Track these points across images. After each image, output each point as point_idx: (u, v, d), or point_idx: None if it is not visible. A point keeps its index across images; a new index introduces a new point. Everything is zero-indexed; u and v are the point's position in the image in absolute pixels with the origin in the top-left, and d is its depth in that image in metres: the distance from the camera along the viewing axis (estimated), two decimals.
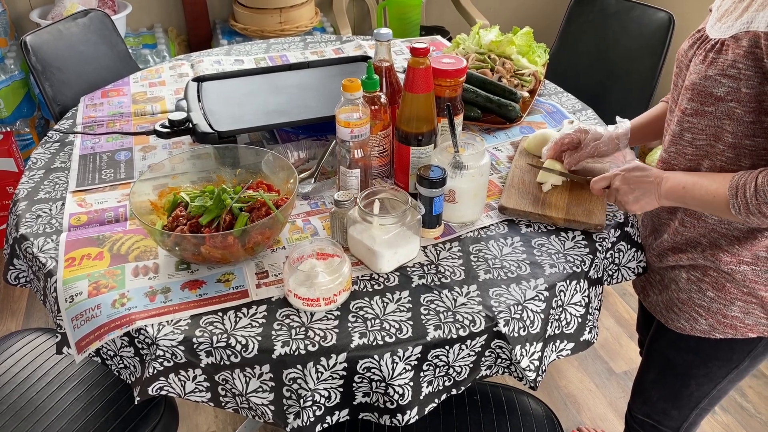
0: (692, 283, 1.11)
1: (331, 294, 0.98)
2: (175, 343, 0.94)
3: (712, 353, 1.15)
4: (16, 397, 1.22)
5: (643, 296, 1.27)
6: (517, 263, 1.09)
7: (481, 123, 1.52)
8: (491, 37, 1.74)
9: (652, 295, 1.23)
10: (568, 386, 1.97)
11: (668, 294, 1.17)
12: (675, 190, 1.01)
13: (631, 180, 1.07)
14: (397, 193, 1.10)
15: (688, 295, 1.12)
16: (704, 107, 0.98)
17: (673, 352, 1.20)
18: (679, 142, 1.05)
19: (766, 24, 0.86)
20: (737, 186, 0.92)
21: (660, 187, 1.03)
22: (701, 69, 0.96)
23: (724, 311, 1.08)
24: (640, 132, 1.25)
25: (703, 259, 1.08)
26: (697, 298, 1.11)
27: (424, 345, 0.94)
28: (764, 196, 0.88)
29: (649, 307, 1.24)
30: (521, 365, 1.00)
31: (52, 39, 1.81)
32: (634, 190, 1.07)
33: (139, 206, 1.09)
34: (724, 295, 1.07)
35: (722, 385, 1.18)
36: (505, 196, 1.23)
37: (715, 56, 0.94)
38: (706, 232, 1.06)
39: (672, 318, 1.16)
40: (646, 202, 1.06)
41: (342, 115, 1.11)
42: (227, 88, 1.52)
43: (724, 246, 1.05)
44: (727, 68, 0.92)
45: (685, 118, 1.01)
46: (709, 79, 0.95)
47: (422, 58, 1.10)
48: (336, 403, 0.96)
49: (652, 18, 1.89)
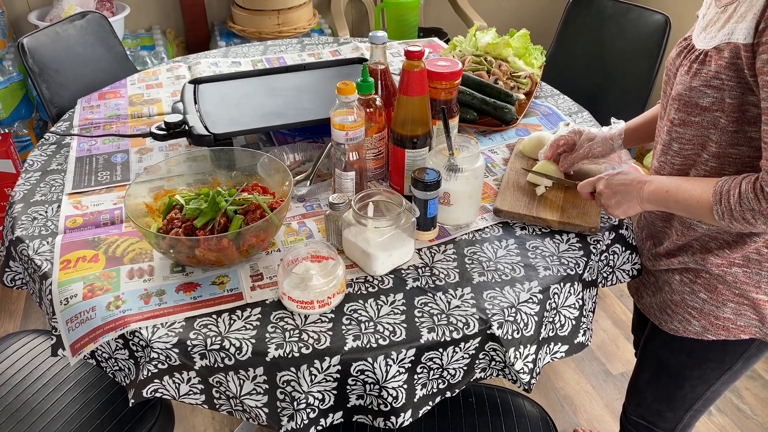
0: (685, 285, 1.11)
1: (325, 296, 0.98)
2: (169, 346, 0.94)
3: (705, 354, 1.15)
4: (12, 399, 1.22)
5: (637, 298, 1.27)
6: (512, 266, 1.09)
7: (477, 125, 1.52)
8: (488, 39, 1.74)
9: (646, 297, 1.23)
10: (565, 388, 1.97)
11: (662, 296, 1.17)
12: (657, 194, 1.02)
13: (613, 184, 1.08)
14: (391, 195, 1.10)
15: (681, 297, 1.12)
16: (691, 117, 0.98)
17: (667, 353, 1.21)
18: (668, 152, 1.05)
19: (745, 35, 0.87)
20: (721, 192, 0.92)
21: (642, 191, 1.04)
22: (686, 80, 0.97)
23: (716, 313, 1.09)
24: (635, 133, 1.25)
25: (693, 263, 1.08)
26: (690, 300, 1.11)
27: (418, 347, 0.94)
28: (748, 203, 0.89)
29: (643, 309, 1.24)
30: (515, 368, 1.00)
31: (50, 41, 1.81)
32: (615, 194, 1.08)
33: (134, 209, 1.10)
34: (716, 297, 1.08)
35: (716, 386, 1.18)
36: (500, 199, 1.23)
37: (699, 67, 0.95)
38: (698, 236, 1.07)
39: (665, 319, 1.17)
40: (628, 206, 1.07)
41: (337, 118, 1.12)
42: (224, 91, 1.52)
43: (714, 249, 1.05)
44: (711, 79, 0.93)
45: (673, 128, 1.02)
46: (694, 90, 0.96)
47: (417, 61, 1.11)
48: (330, 406, 0.96)
49: (648, 20, 1.89)
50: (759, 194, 0.88)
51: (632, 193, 1.05)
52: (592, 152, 1.25)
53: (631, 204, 1.06)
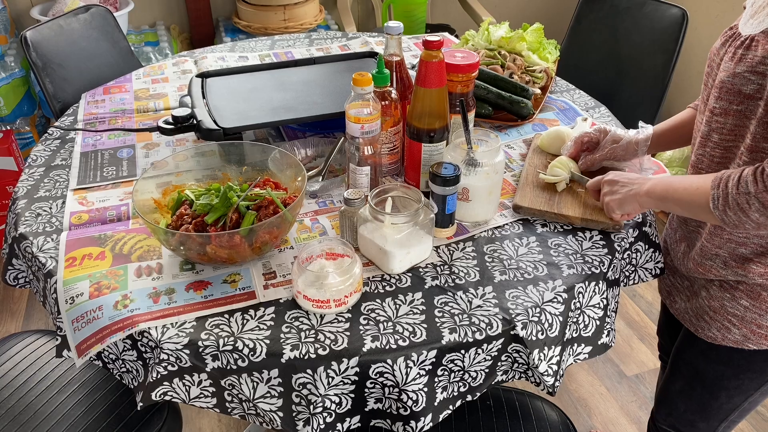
0: (725, 291, 1.05)
1: (341, 295, 0.94)
2: (179, 347, 0.90)
3: (744, 365, 1.09)
4: (15, 401, 1.18)
5: (669, 302, 1.21)
6: (534, 264, 1.05)
7: (492, 120, 1.48)
8: (501, 33, 1.70)
9: (680, 302, 1.17)
10: (579, 390, 1.93)
11: (698, 301, 1.11)
12: (657, 188, 0.99)
13: (615, 182, 1.06)
14: (408, 191, 1.06)
15: (721, 303, 1.06)
16: (732, 105, 0.94)
17: (703, 362, 1.14)
18: (706, 144, 1.00)
19: None
20: (721, 177, 0.89)
21: (641, 186, 1.01)
22: (730, 66, 0.92)
23: (759, 321, 1.03)
24: (660, 139, 1.20)
25: (733, 275, 1.02)
26: (730, 307, 1.05)
27: (440, 349, 0.91)
28: (745, 186, 0.85)
29: (676, 314, 1.19)
30: (539, 370, 0.96)
31: (53, 34, 1.77)
32: (616, 192, 1.06)
33: (142, 204, 1.06)
34: (759, 305, 1.02)
35: (754, 397, 1.12)
36: (520, 195, 1.19)
37: (744, 52, 0.90)
38: (731, 248, 1.01)
39: (702, 327, 1.10)
40: (624, 200, 1.04)
41: (352, 110, 1.08)
42: (232, 84, 1.48)
43: (752, 258, 0.99)
44: (756, 65, 0.88)
45: (713, 118, 0.97)
46: (738, 77, 0.91)
47: (435, 51, 1.06)
48: (347, 410, 0.92)
49: (664, 14, 1.85)
50: (758, 177, 0.84)
51: (633, 190, 1.03)
52: (614, 154, 1.20)
53: (631, 202, 1.03)
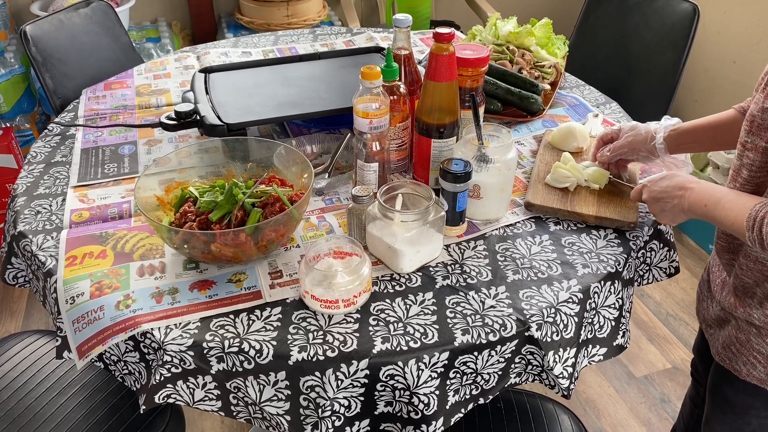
0: (752, 325, 0.97)
1: (350, 295, 0.91)
2: (183, 348, 0.87)
3: None
4: (15, 403, 1.16)
5: (704, 324, 1.12)
6: (548, 263, 1.02)
7: (501, 116, 1.45)
8: (509, 28, 1.67)
9: (713, 325, 1.08)
10: (587, 391, 1.90)
11: (727, 330, 1.03)
12: (697, 207, 0.94)
13: (655, 192, 1.01)
14: (418, 188, 1.04)
15: (747, 337, 0.98)
16: (761, 142, 0.87)
17: (731, 391, 1.06)
18: (737, 179, 0.93)
19: None
20: (755, 218, 0.83)
21: (683, 201, 0.96)
22: (760, 99, 0.86)
23: None
24: (682, 137, 1.10)
25: (762, 315, 0.94)
26: (756, 343, 0.96)
27: (452, 351, 0.88)
28: None
29: (707, 338, 1.10)
30: (554, 372, 0.93)
31: (53, 29, 1.74)
32: (658, 201, 1.01)
33: (144, 202, 1.03)
34: None
35: None
36: (532, 192, 1.16)
37: None
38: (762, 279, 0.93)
39: (729, 357, 1.02)
40: (673, 214, 0.99)
41: (360, 105, 1.05)
42: (236, 80, 1.45)
43: None
44: None
45: (744, 153, 0.90)
46: (766, 112, 0.85)
47: (446, 44, 1.03)
48: (356, 413, 0.89)
49: (675, 9, 1.81)
50: None
51: (675, 201, 0.97)
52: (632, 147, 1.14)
53: (676, 212, 0.98)
